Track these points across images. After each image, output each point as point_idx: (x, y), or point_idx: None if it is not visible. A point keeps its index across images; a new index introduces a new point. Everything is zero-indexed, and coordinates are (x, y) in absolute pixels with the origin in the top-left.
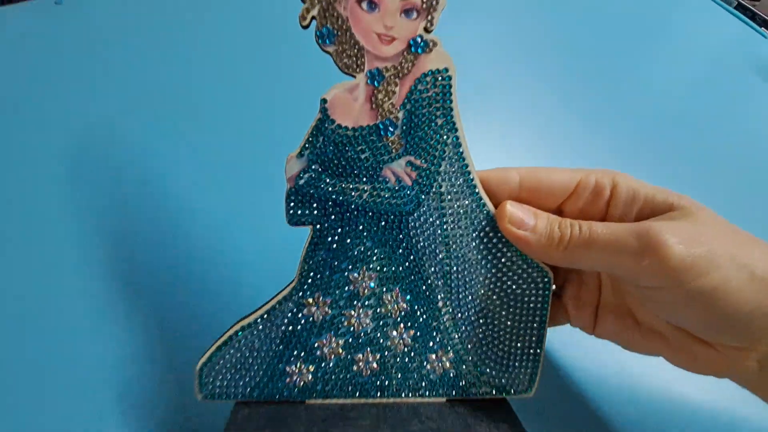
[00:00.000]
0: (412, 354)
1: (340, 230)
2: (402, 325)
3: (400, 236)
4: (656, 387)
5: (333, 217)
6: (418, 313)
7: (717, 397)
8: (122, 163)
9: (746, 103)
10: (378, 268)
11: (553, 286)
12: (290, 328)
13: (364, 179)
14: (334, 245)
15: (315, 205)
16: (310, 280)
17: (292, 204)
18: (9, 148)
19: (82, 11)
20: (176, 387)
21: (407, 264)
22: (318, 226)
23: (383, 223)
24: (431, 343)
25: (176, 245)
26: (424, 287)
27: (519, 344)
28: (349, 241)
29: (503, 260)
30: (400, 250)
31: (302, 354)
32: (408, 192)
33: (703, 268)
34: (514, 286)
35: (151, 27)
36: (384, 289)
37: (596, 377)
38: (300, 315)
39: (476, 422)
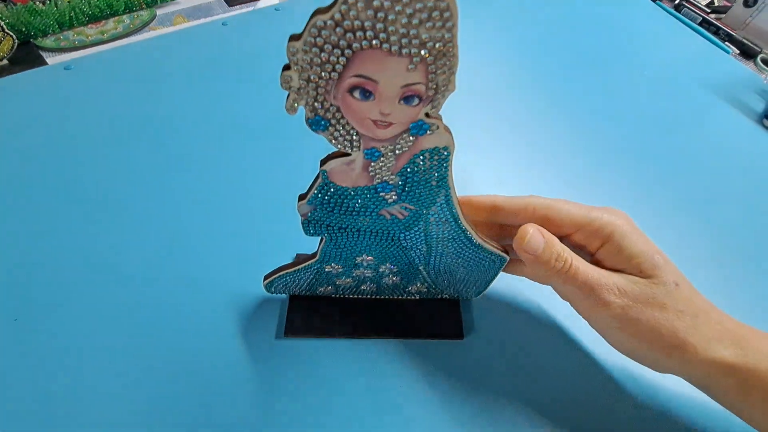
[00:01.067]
0: (398, 285)
1: (345, 239)
2: (392, 275)
3: (392, 242)
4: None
5: (339, 233)
6: (404, 272)
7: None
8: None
9: (706, 121)
10: (375, 254)
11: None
12: (317, 275)
13: (363, 216)
14: (342, 245)
15: (324, 228)
16: (327, 258)
17: (306, 227)
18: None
19: (89, 75)
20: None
21: (397, 254)
22: (328, 236)
23: (378, 235)
24: (413, 281)
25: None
26: (409, 263)
27: (474, 286)
28: (352, 243)
29: (471, 254)
30: (392, 248)
31: (326, 284)
32: (399, 222)
33: (627, 328)
34: (477, 263)
35: (154, 87)
36: (380, 263)
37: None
38: (322, 271)
39: (433, 316)
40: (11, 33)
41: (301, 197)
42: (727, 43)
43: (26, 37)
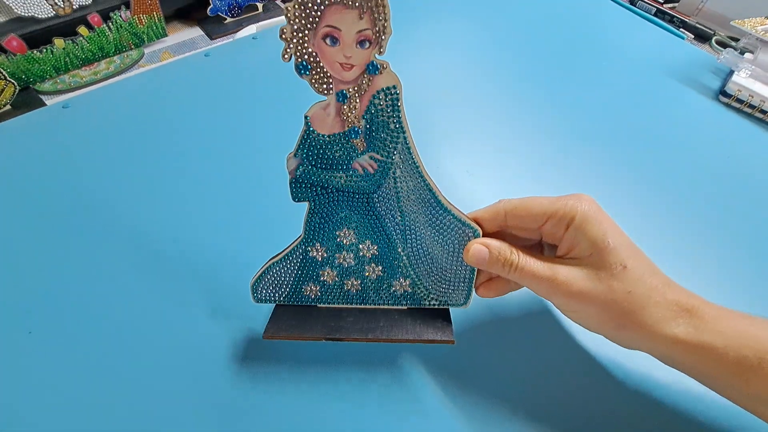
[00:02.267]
0: (382, 280)
1: (327, 204)
2: (373, 263)
3: (368, 207)
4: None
5: (322, 195)
6: (384, 255)
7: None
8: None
9: (666, 103)
10: (354, 227)
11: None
12: (302, 264)
13: (340, 170)
14: (324, 213)
15: (309, 188)
16: (311, 236)
17: (293, 188)
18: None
19: (86, 111)
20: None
21: (374, 225)
22: (313, 202)
23: (356, 198)
24: (395, 274)
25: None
26: (387, 240)
27: (456, 276)
28: (333, 210)
29: (442, 221)
30: (369, 216)
31: (311, 279)
32: (371, 177)
33: (577, 310)
34: (450, 238)
35: (146, 117)
36: (360, 241)
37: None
38: (307, 256)
39: (420, 321)
40: (12, 81)
41: (290, 155)
42: (681, 29)
43: (26, 83)
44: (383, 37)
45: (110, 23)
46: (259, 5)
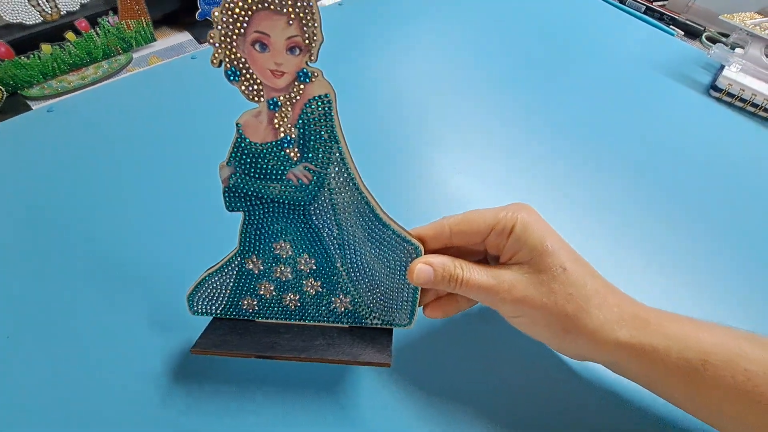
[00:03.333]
0: (322, 297)
1: (262, 215)
2: (312, 278)
3: (304, 219)
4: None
5: (256, 205)
6: (323, 270)
7: None
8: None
9: (658, 99)
10: (291, 239)
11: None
12: (239, 276)
13: (274, 180)
14: (259, 225)
15: (243, 198)
16: (246, 247)
17: (227, 198)
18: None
19: (70, 115)
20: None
21: (311, 238)
22: (247, 212)
23: (292, 210)
24: (334, 290)
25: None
26: (325, 254)
27: (398, 294)
28: (269, 221)
29: (382, 236)
30: (305, 229)
31: (249, 292)
32: (306, 188)
33: (523, 316)
34: (391, 255)
35: (130, 119)
36: (297, 254)
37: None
38: (243, 269)
39: (360, 341)
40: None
41: (223, 163)
42: (671, 26)
43: (14, 89)
44: (314, 45)
45: (98, 28)
46: None
